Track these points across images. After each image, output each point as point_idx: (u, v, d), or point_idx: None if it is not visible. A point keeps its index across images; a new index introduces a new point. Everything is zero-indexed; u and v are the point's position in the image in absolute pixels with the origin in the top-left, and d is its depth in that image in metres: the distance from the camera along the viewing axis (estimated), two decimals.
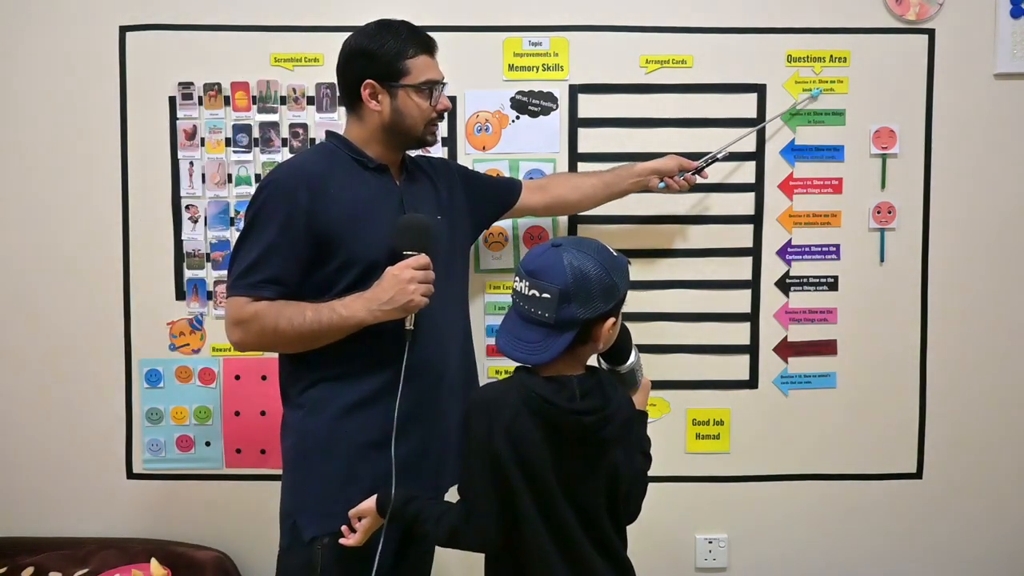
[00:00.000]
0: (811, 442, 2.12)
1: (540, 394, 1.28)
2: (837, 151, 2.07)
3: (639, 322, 2.07)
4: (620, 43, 2.04)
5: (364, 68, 1.54)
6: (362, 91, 1.54)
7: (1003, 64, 2.06)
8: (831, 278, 2.09)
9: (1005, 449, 2.14)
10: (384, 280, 1.45)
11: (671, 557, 2.15)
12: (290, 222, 1.46)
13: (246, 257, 1.47)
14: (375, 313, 1.44)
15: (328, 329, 1.45)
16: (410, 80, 1.54)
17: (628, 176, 1.92)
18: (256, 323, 1.45)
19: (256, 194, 1.51)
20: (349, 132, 1.60)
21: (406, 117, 1.56)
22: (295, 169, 1.53)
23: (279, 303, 1.46)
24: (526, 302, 1.30)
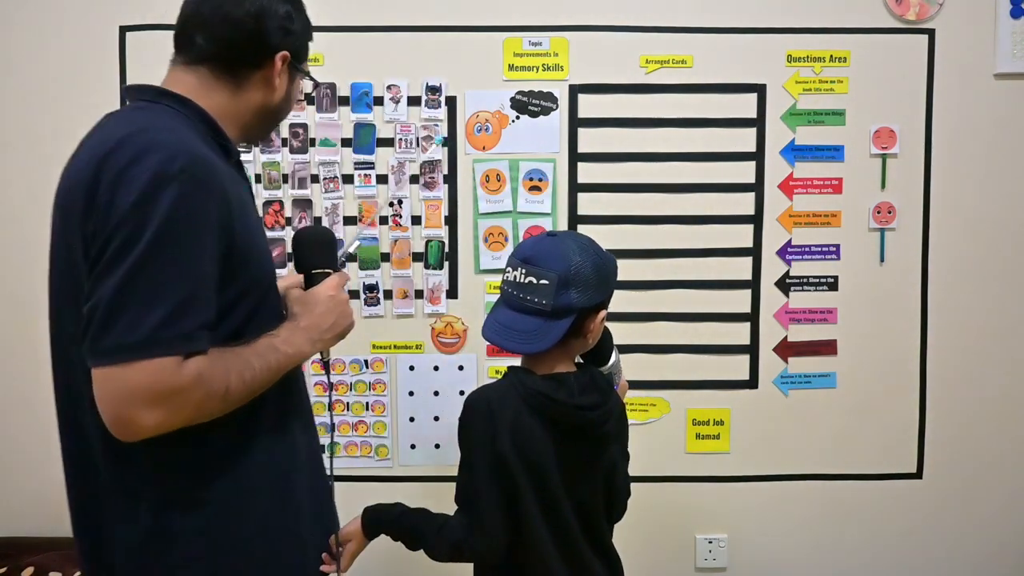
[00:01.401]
0: (811, 442, 2.12)
1: (541, 391, 1.27)
2: (837, 151, 2.07)
3: (639, 322, 2.08)
4: (620, 43, 2.04)
5: (284, 37, 1.20)
6: (277, 62, 1.19)
7: (1003, 64, 2.06)
8: (831, 278, 2.09)
9: (1005, 449, 2.14)
10: (318, 304, 1.21)
11: (671, 557, 2.15)
12: (214, 235, 1.03)
13: (168, 291, 0.97)
14: (316, 344, 1.20)
15: (274, 376, 1.12)
16: (307, 67, 1.29)
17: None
18: (199, 390, 1.00)
19: (149, 188, 0.97)
20: (205, 101, 1.15)
21: (287, 108, 1.27)
22: (198, 154, 1.04)
23: (217, 354, 1.03)
24: (521, 290, 1.27)
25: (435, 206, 2.06)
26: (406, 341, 2.08)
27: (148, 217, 0.96)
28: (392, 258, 2.06)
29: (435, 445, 2.09)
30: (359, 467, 2.10)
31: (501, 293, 1.33)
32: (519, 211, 2.06)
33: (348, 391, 2.09)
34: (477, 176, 2.05)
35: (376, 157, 2.04)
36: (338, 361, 2.08)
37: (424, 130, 2.04)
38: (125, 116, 1.11)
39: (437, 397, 2.09)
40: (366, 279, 2.06)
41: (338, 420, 2.09)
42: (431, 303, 2.07)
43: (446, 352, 2.09)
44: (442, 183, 2.05)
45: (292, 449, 1.22)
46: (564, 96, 2.04)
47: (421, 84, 2.03)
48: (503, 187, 2.05)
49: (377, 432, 2.10)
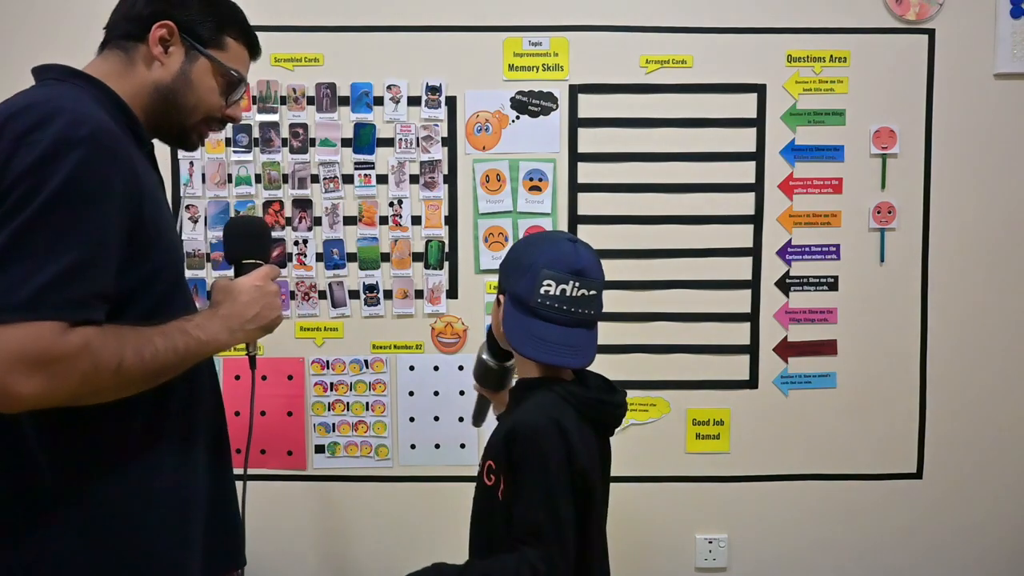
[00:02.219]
0: (811, 442, 2.12)
1: (596, 398, 1.28)
2: (837, 151, 2.07)
3: (639, 322, 2.08)
4: (620, 43, 2.04)
5: (170, 6, 1.13)
6: (154, 29, 1.12)
7: (1003, 64, 2.05)
8: (831, 278, 2.09)
9: (1005, 449, 2.14)
10: (242, 293, 1.16)
11: (671, 557, 2.15)
12: (123, 206, 0.99)
13: (58, 253, 0.93)
14: (237, 335, 1.14)
15: (182, 361, 1.06)
16: (222, 57, 1.18)
17: None
18: (85, 360, 0.94)
19: (51, 149, 0.94)
20: (111, 79, 1.12)
21: (192, 92, 1.17)
22: (108, 126, 1.01)
23: (112, 328, 0.98)
24: (571, 304, 1.23)
25: (435, 206, 2.06)
26: (406, 341, 2.08)
27: (47, 178, 0.92)
28: (392, 258, 2.06)
29: (435, 445, 2.10)
30: (359, 467, 2.10)
31: (532, 308, 1.24)
32: (519, 211, 2.06)
33: (348, 391, 2.09)
34: (477, 176, 2.05)
35: (376, 157, 2.04)
36: (338, 361, 2.08)
37: (424, 130, 2.04)
38: (31, 90, 1.08)
39: (437, 397, 2.09)
40: (366, 279, 2.06)
41: (338, 420, 2.09)
42: (431, 303, 2.07)
43: (446, 352, 2.09)
44: (442, 183, 2.05)
45: (192, 460, 1.16)
46: (564, 96, 2.04)
47: (421, 84, 2.03)
48: (503, 187, 2.05)
49: (377, 432, 2.10)
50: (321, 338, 2.08)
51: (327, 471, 2.10)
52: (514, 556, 1.16)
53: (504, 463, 1.22)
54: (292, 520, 2.11)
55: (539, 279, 1.24)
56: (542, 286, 1.24)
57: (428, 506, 2.11)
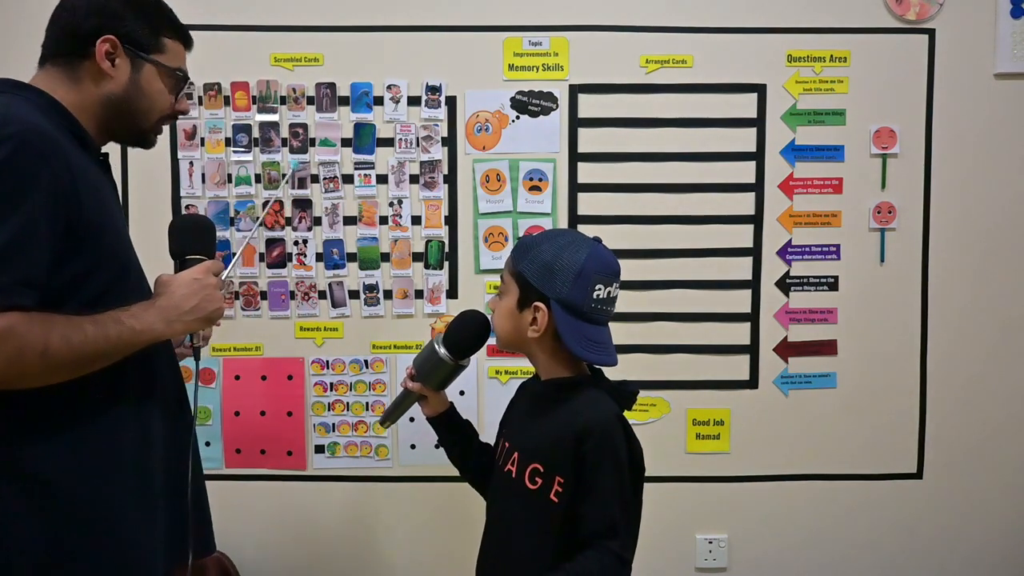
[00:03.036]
0: (811, 442, 2.12)
1: (632, 391, 1.33)
2: (837, 151, 2.07)
3: (639, 322, 2.08)
4: (620, 43, 2.04)
5: (109, 21, 1.18)
6: (97, 47, 1.17)
7: (1003, 64, 2.05)
8: (831, 278, 2.09)
9: (1005, 449, 2.14)
10: (181, 286, 1.19)
11: (671, 557, 2.15)
12: (53, 202, 1.06)
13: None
14: (174, 325, 1.17)
15: (115, 348, 1.11)
16: (164, 59, 1.24)
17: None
18: (9, 344, 1.00)
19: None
20: (56, 92, 1.19)
21: (144, 98, 1.24)
22: (41, 129, 1.09)
23: (40, 314, 1.04)
24: (611, 304, 1.32)
25: (435, 206, 2.06)
26: (406, 341, 2.08)
27: None
28: (392, 258, 2.06)
29: (435, 445, 2.09)
30: (359, 467, 2.10)
31: (585, 313, 1.28)
32: (519, 211, 2.05)
33: (348, 391, 2.09)
34: (477, 176, 2.05)
35: (376, 157, 2.04)
36: (338, 361, 2.08)
37: (424, 130, 2.04)
38: None
39: None
40: (366, 279, 2.06)
41: (338, 420, 2.09)
42: (431, 303, 2.07)
43: None
44: (442, 183, 2.05)
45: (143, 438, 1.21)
46: (564, 96, 2.04)
47: (421, 84, 2.03)
48: (503, 187, 2.05)
49: (377, 432, 2.10)
50: (321, 338, 2.08)
51: (327, 471, 2.10)
52: (595, 551, 1.21)
53: (569, 463, 1.24)
54: (292, 520, 2.10)
55: (591, 284, 1.27)
56: (595, 291, 1.28)
57: (428, 506, 2.10)
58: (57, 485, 1.11)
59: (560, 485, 1.24)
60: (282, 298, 2.07)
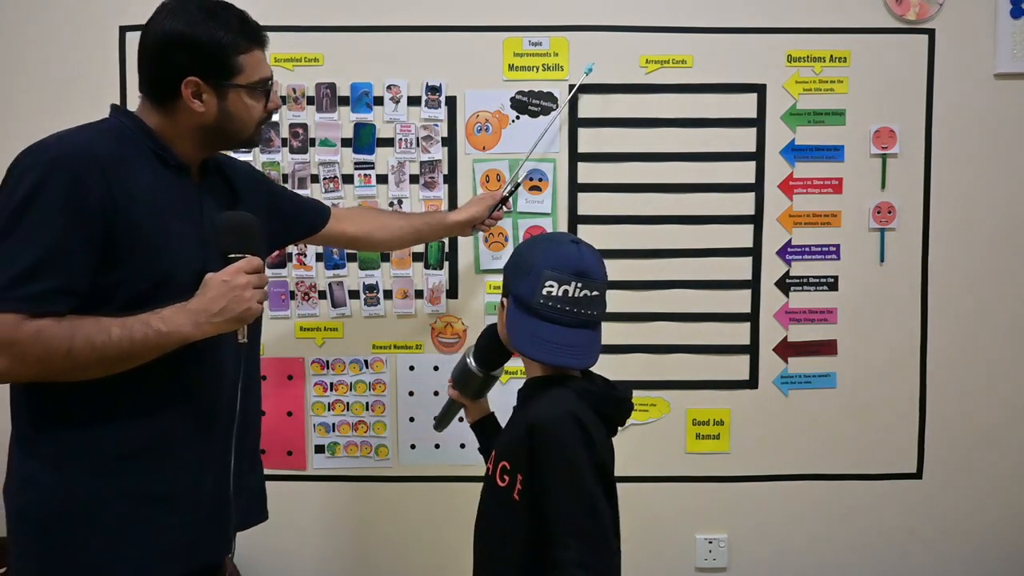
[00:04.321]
0: (811, 442, 2.12)
1: (608, 393, 1.29)
2: (837, 151, 2.07)
3: (639, 322, 2.08)
4: (620, 43, 2.04)
5: (188, 61, 1.26)
6: (183, 89, 1.27)
7: (1003, 64, 2.05)
8: (831, 278, 2.09)
9: (1005, 449, 2.14)
10: (211, 288, 1.23)
11: (671, 557, 2.15)
12: (83, 214, 1.16)
13: (19, 257, 1.13)
14: (204, 327, 1.22)
15: (141, 349, 1.18)
16: (243, 79, 1.31)
17: (439, 226, 1.85)
18: (37, 345, 1.12)
19: (19, 175, 1.16)
20: (151, 120, 1.31)
21: (235, 120, 1.33)
22: (80, 149, 1.20)
23: (70, 318, 1.15)
24: (575, 305, 1.25)
25: (435, 206, 2.05)
26: (406, 341, 2.08)
27: (13, 197, 1.14)
28: (392, 258, 2.06)
29: (435, 445, 2.10)
30: (359, 467, 2.10)
31: (535, 308, 1.25)
32: (519, 211, 2.06)
33: (348, 391, 2.09)
34: (477, 176, 2.05)
35: (376, 157, 2.04)
36: (338, 361, 2.08)
37: (424, 130, 2.04)
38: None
39: (437, 397, 2.09)
40: (366, 279, 2.06)
41: (338, 420, 2.09)
42: (431, 303, 2.07)
43: (446, 352, 2.09)
44: (442, 183, 2.05)
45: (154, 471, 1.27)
46: (564, 96, 2.04)
47: (421, 84, 2.03)
48: (503, 187, 2.05)
49: (377, 432, 2.10)
50: (321, 338, 2.08)
51: (327, 471, 2.10)
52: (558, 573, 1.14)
53: (524, 460, 1.21)
54: (291, 520, 2.10)
55: (541, 280, 1.25)
56: (544, 287, 1.24)
57: (428, 506, 2.10)
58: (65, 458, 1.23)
59: (521, 483, 1.22)
60: (282, 298, 2.07)
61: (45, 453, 1.23)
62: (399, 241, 1.84)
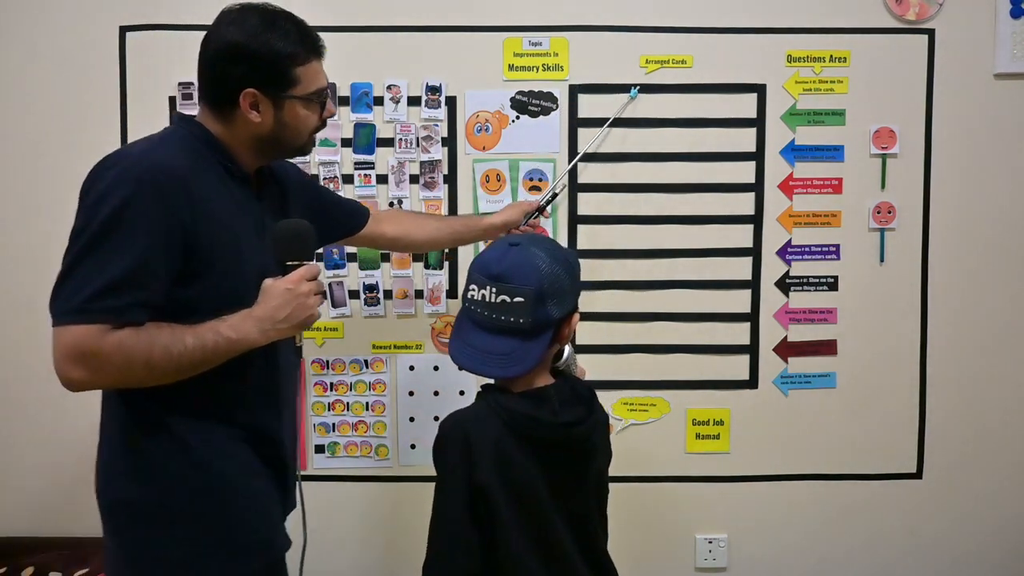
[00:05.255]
0: (811, 442, 2.12)
1: (524, 412, 1.21)
2: (837, 151, 2.07)
3: (639, 322, 2.08)
4: (620, 43, 2.04)
5: (246, 73, 1.29)
6: (241, 100, 1.30)
7: (1003, 64, 2.05)
8: (831, 278, 2.09)
9: (1005, 449, 2.14)
10: (275, 296, 1.28)
11: (671, 557, 2.15)
12: (167, 232, 1.21)
13: (104, 271, 1.16)
14: (269, 333, 1.28)
15: (212, 356, 1.24)
16: (300, 90, 1.33)
17: (476, 229, 1.88)
18: (119, 356, 1.16)
19: (105, 189, 1.19)
20: (214, 129, 1.34)
21: (290, 130, 1.36)
22: (165, 165, 1.23)
23: (149, 327, 1.20)
24: (492, 310, 1.20)
25: (435, 206, 2.06)
26: (406, 341, 2.08)
27: (99, 211, 1.17)
28: (392, 258, 2.06)
29: None
30: (359, 467, 2.10)
31: (466, 312, 1.26)
32: None
33: (348, 391, 2.09)
34: (477, 176, 2.05)
35: (376, 157, 2.04)
36: (338, 361, 2.08)
37: (424, 130, 2.04)
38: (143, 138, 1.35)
39: (437, 397, 2.09)
40: (366, 279, 2.06)
41: (338, 420, 2.09)
42: (431, 303, 2.07)
43: (446, 352, 2.08)
44: (442, 183, 2.05)
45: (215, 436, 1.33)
46: (564, 96, 2.04)
47: (421, 84, 2.03)
48: (503, 187, 2.05)
49: (377, 432, 2.10)
50: (321, 338, 2.08)
51: (327, 471, 2.10)
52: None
53: None
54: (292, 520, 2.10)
55: (467, 282, 1.27)
56: (468, 289, 1.26)
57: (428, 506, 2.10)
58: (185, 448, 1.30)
59: None
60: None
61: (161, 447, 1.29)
62: (435, 242, 1.87)
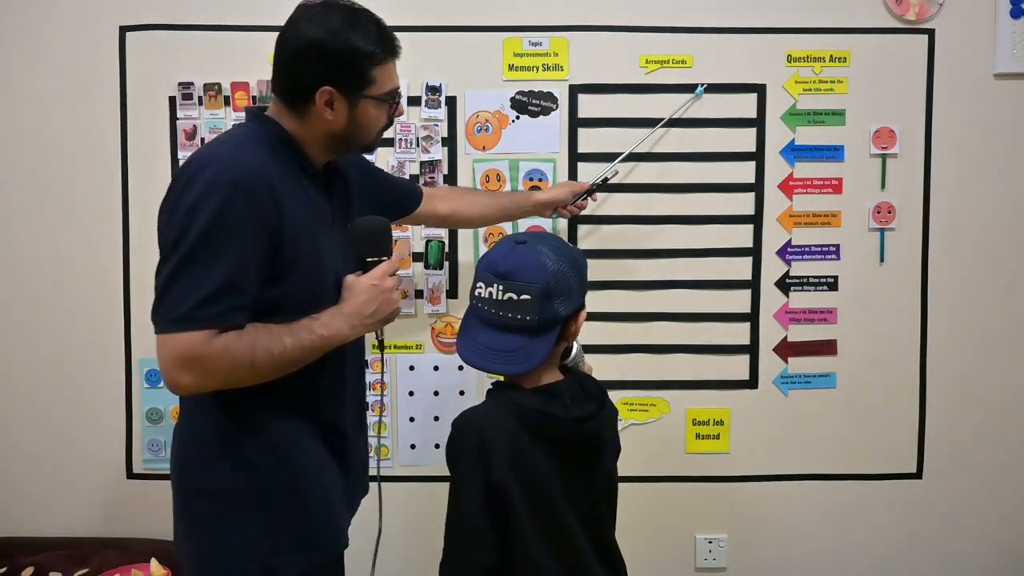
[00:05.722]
0: (811, 442, 2.12)
1: (536, 408, 1.22)
2: (837, 151, 2.07)
3: (639, 322, 2.08)
4: (620, 43, 2.04)
5: (324, 72, 1.29)
6: (317, 97, 1.31)
7: (1003, 64, 2.05)
8: (831, 278, 2.09)
9: (1005, 449, 2.14)
10: (361, 292, 1.32)
11: (671, 557, 2.15)
12: (260, 235, 1.23)
13: (207, 279, 1.18)
14: (357, 328, 1.33)
15: (308, 354, 1.28)
16: (374, 90, 1.34)
17: (525, 204, 1.90)
18: (225, 359, 1.19)
19: (199, 195, 1.20)
20: (288, 125, 1.35)
21: (362, 129, 1.37)
22: (252, 168, 1.25)
23: (249, 330, 1.23)
24: (500, 308, 1.22)
25: None
26: (406, 341, 2.08)
27: (198, 217, 1.18)
28: None
29: (435, 445, 2.10)
30: None
31: (473, 310, 1.28)
32: None
33: None
34: (477, 176, 2.05)
35: (376, 157, 2.04)
36: None
37: (424, 130, 2.04)
38: (215, 139, 1.36)
39: (437, 397, 2.09)
40: None
41: None
42: (431, 303, 2.07)
43: (446, 352, 2.09)
44: (442, 183, 2.05)
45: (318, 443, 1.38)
46: (564, 96, 2.04)
47: (421, 84, 2.03)
48: (503, 187, 2.05)
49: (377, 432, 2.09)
50: None
51: None
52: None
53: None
54: None
55: (475, 280, 1.28)
56: (476, 287, 1.27)
57: (428, 506, 2.10)
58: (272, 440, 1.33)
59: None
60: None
61: (244, 439, 1.32)
62: (485, 218, 1.90)
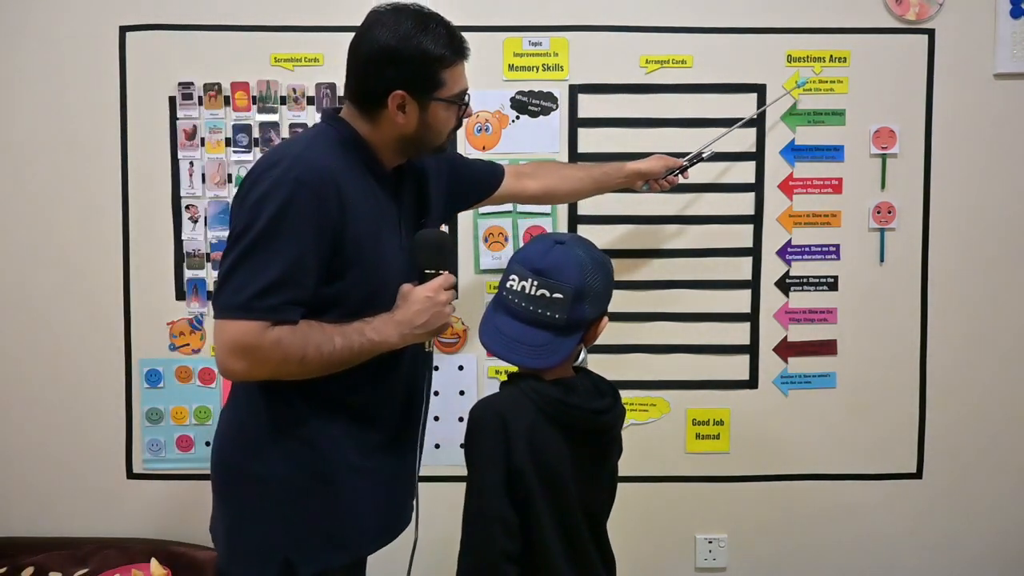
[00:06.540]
0: (811, 442, 2.12)
1: (558, 397, 1.24)
2: (837, 151, 2.07)
3: (639, 322, 2.08)
4: (620, 43, 2.04)
5: (396, 75, 1.31)
6: (390, 101, 1.33)
7: (1003, 64, 2.05)
8: (831, 278, 2.09)
9: (1005, 449, 2.14)
10: (415, 301, 1.34)
11: (671, 557, 2.15)
12: (321, 233, 1.26)
13: (266, 271, 1.22)
14: (407, 337, 1.34)
15: (357, 356, 1.31)
16: (445, 92, 1.36)
17: (616, 176, 1.88)
18: (277, 352, 1.23)
19: (266, 191, 1.24)
20: (361, 128, 1.38)
21: (433, 131, 1.39)
22: (319, 167, 1.28)
23: (302, 326, 1.26)
24: (531, 303, 1.24)
25: None
26: None
27: (262, 211, 1.23)
28: None
29: (435, 445, 2.09)
30: None
31: (501, 300, 1.29)
32: (519, 211, 2.05)
33: None
34: None
35: None
36: None
37: None
38: (294, 135, 1.39)
39: (437, 397, 2.09)
40: None
41: None
42: None
43: (446, 352, 2.09)
44: None
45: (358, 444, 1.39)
46: (564, 96, 2.04)
47: None
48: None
49: None
50: None
51: None
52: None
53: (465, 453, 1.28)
54: None
55: (508, 271, 1.29)
56: (508, 280, 1.28)
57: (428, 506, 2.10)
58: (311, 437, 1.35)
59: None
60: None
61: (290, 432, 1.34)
62: (578, 193, 1.90)
